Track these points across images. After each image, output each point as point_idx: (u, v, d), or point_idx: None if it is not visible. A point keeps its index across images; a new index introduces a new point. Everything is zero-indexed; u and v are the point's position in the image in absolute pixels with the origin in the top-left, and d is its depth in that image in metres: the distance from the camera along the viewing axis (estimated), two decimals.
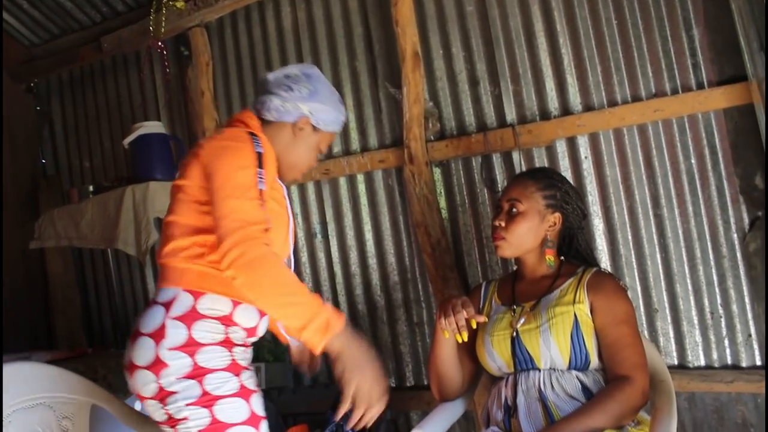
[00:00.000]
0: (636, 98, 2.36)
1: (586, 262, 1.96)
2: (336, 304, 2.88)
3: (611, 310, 1.77)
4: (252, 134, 1.63)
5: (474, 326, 1.76)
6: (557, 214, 1.92)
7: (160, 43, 3.11)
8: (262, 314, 1.67)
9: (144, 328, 1.56)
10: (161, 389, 1.52)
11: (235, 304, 1.61)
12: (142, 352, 1.54)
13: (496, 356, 1.84)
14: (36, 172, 3.64)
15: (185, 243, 1.59)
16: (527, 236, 1.89)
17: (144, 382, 1.53)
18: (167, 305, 1.57)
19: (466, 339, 1.74)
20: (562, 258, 1.95)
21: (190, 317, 1.55)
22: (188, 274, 1.58)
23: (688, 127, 2.30)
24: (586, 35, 2.43)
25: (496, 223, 1.92)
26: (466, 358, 1.95)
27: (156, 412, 1.55)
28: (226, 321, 1.59)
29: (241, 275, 1.44)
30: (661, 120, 2.32)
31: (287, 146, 1.74)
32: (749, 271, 2.25)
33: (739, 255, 2.26)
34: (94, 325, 3.51)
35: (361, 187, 2.82)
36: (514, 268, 2.10)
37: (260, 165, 1.57)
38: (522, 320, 1.82)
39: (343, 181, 2.84)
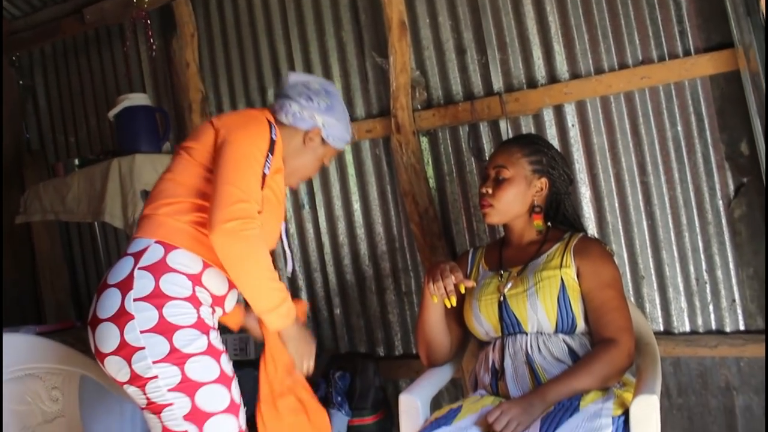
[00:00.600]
0: (623, 66, 2.36)
1: (573, 228, 1.97)
2: (324, 274, 2.89)
3: (597, 275, 1.79)
4: (270, 122, 1.68)
5: (462, 291, 1.77)
6: (544, 180, 1.92)
7: (143, 14, 3.06)
8: (231, 286, 1.67)
9: (111, 279, 1.54)
10: (126, 344, 1.46)
11: (206, 265, 1.60)
12: (108, 303, 1.50)
13: (484, 321, 1.86)
14: (20, 147, 3.60)
15: (176, 201, 1.60)
16: (514, 202, 1.90)
17: (106, 336, 1.49)
18: (137, 255, 1.55)
19: (454, 304, 1.75)
20: (549, 223, 1.96)
21: (159, 268, 1.53)
22: (165, 227, 1.58)
23: (674, 95, 2.30)
24: (573, 3, 2.41)
25: (483, 190, 1.92)
26: (454, 324, 1.97)
27: (120, 370, 1.49)
28: (195, 280, 1.58)
29: (234, 246, 1.49)
30: (647, 87, 2.32)
31: (295, 152, 1.79)
32: (734, 237, 2.27)
33: (724, 221, 2.28)
34: (82, 298, 3.51)
35: (349, 158, 2.81)
36: (501, 235, 2.11)
37: (271, 150, 1.62)
38: (509, 285, 1.84)
39: None
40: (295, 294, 2.93)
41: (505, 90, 2.52)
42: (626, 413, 1.61)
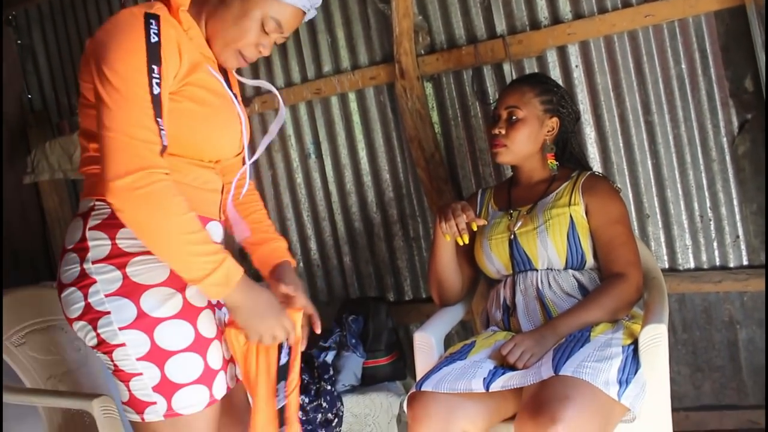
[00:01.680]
0: (626, 4, 2.34)
1: (581, 166, 2.00)
2: (332, 223, 2.91)
3: (605, 211, 1.83)
4: (148, 15, 1.28)
5: (474, 228, 1.80)
6: (555, 119, 1.95)
7: None
8: (204, 221, 1.39)
9: (68, 243, 1.37)
10: (90, 308, 1.31)
11: None
12: (67, 268, 1.34)
13: (495, 259, 1.90)
14: (23, 108, 3.59)
15: (95, 153, 1.34)
16: (528, 142, 1.92)
17: (72, 302, 1.34)
18: (85, 216, 1.35)
19: (467, 241, 1.79)
20: (558, 164, 1.98)
21: (112, 225, 1.32)
22: (99, 183, 1.30)
23: (678, 32, 2.29)
24: None
25: (496, 131, 1.93)
26: (465, 263, 2.01)
27: (87, 335, 1.35)
28: None
29: (132, 209, 1.23)
30: (651, 25, 2.31)
31: (212, 17, 1.39)
32: (738, 174, 2.29)
33: (728, 158, 2.30)
34: None
35: (353, 105, 2.81)
36: (509, 175, 2.13)
37: (156, 59, 1.26)
38: (519, 223, 1.88)
39: (334, 100, 2.83)
40: (304, 243, 2.97)
41: (508, 32, 2.51)
42: (635, 343, 1.66)
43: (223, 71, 1.46)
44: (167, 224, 1.24)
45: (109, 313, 1.30)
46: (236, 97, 1.48)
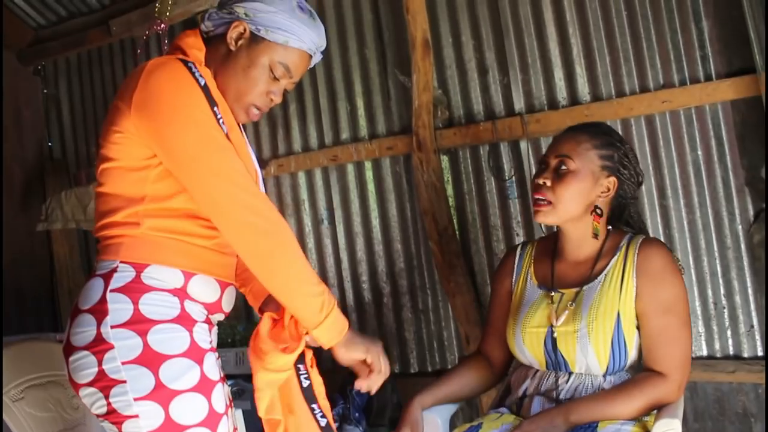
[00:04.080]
0: (644, 89, 2.37)
1: (633, 230, 1.76)
2: (342, 290, 2.90)
3: (656, 296, 1.59)
4: (186, 62, 1.29)
5: None
6: (612, 179, 1.66)
7: (162, 26, 3.09)
8: (223, 286, 1.41)
9: (83, 303, 1.30)
10: (104, 375, 1.25)
11: (188, 275, 1.34)
12: (81, 331, 1.28)
13: (528, 353, 1.70)
14: (43, 155, 3.64)
15: (119, 217, 1.32)
16: (576, 200, 1.64)
17: (82, 367, 1.27)
18: (106, 276, 1.30)
19: None
20: (610, 228, 1.73)
21: (136, 289, 1.28)
22: (126, 246, 1.31)
23: (695, 119, 2.31)
24: (595, 25, 2.44)
25: (540, 181, 1.65)
26: (497, 346, 1.82)
27: (95, 402, 1.28)
28: (180, 294, 1.33)
29: (260, 241, 1.25)
30: (668, 111, 2.33)
31: (222, 68, 1.37)
32: (753, 263, 2.27)
33: (743, 246, 2.28)
34: None
35: (369, 174, 2.83)
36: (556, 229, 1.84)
37: (210, 100, 1.27)
38: (561, 319, 1.63)
39: (350, 168, 2.86)
40: None
41: (526, 111, 2.54)
42: None
43: None
44: (289, 260, 1.28)
45: (124, 381, 1.24)
46: (252, 150, 1.47)
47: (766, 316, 2.21)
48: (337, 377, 2.67)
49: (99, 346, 1.25)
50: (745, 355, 2.30)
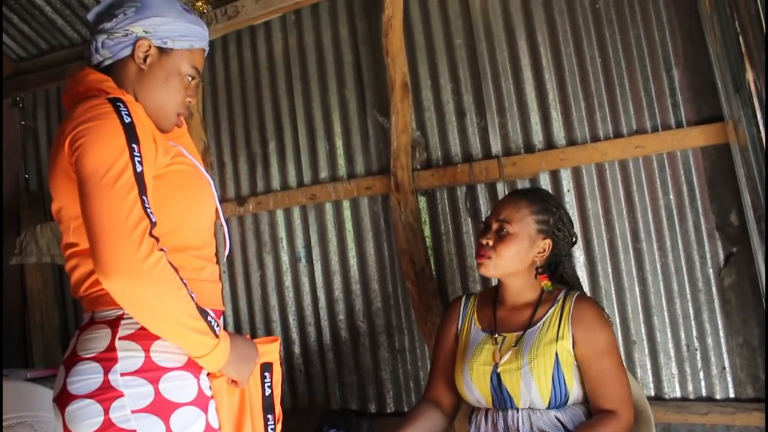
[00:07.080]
0: (618, 134, 2.43)
1: (569, 285, 1.93)
2: (318, 328, 2.89)
3: (593, 343, 1.75)
4: (114, 100, 1.28)
5: None
6: (548, 241, 1.85)
7: None
8: (219, 315, 1.41)
9: (86, 352, 1.27)
10: (111, 424, 1.22)
11: None
12: (83, 379, 1.25)
13: (475, 390, 1.81)
14: (19, 187, 3.61)
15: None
16: (514, 259, 1.82)
17: (85, 416, 1.23)
18: (113, 324, 1.28)
19: None
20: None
21: (146, 336, 1.26)
22: None
23: (667, 164, 2.37)
24: (570, 72, 2.50)
25: (484, 241, 1.85)
26: (446, 391, 1.92)
27: None
28: None
29: (134, 287, 1.16)
30: (641, 156, 2.38)
31: (139, 87, 1.38)
32: (724, 306, 2.31)
33: (714, 289, 2.32)
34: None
35: (347, 213, 2.84)
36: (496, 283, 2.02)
37: (134, 139, 1.24)
38: (505, 357, 1.77)
39: (329, 207, 2.87)
40: (289, 347, 2.93)
41: (503, 153, 2.58)
42: None
43: None
44: (169, 302, 1.21)
45: (134, 431, 1.22)
46: (195, 160, 1.47)
47: (765, 359, 2.24)
48: (313, 418, 2.66)
49: (106, 394, 1.23)
50: (718, 396, 2.33)
